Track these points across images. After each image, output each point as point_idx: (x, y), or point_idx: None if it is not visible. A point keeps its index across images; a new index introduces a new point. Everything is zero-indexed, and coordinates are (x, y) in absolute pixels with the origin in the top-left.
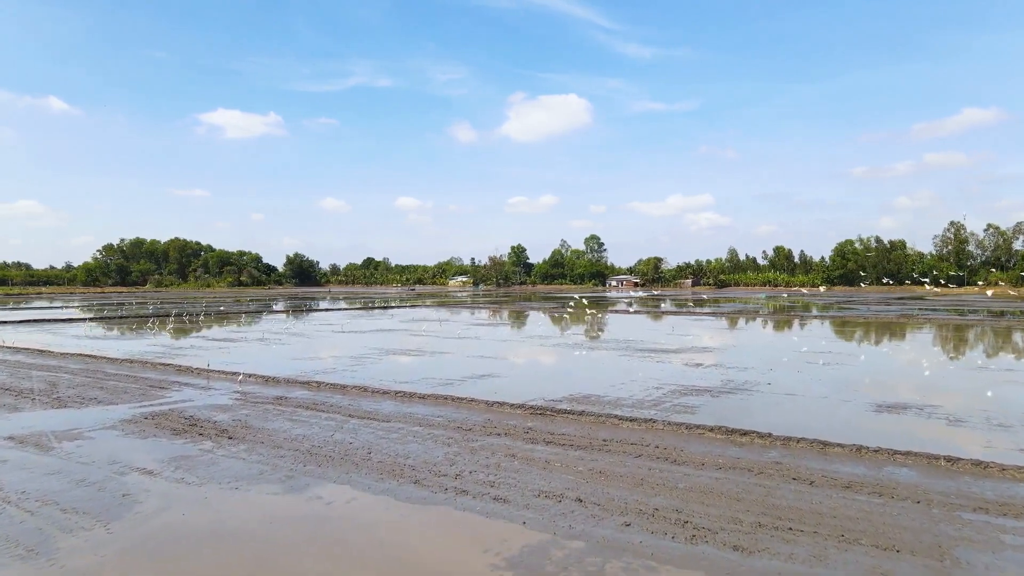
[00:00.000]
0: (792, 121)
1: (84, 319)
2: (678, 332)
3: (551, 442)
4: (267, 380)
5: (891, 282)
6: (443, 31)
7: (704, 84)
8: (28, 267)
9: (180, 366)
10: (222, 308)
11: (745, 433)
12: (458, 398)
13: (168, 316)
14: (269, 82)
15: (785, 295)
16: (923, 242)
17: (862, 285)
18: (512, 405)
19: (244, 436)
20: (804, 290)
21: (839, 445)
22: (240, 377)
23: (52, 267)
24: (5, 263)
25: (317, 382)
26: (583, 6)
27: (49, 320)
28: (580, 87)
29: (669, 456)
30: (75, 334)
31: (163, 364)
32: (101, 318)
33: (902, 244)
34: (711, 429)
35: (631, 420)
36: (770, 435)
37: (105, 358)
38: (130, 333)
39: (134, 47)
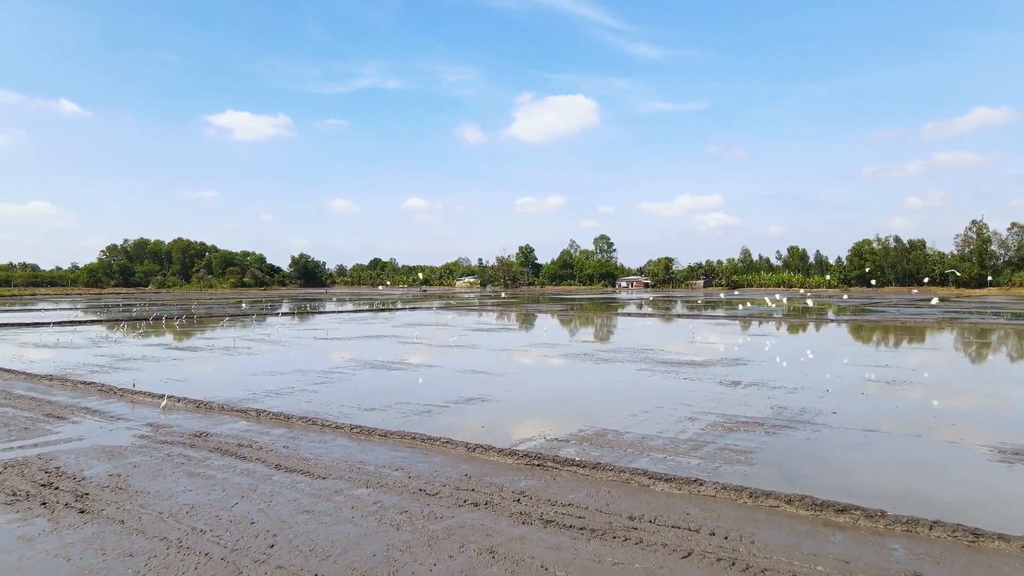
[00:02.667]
0: (801, 121)
1: (49, 323)
2: (700, 339)
3: (552, 521)
4: (198, 405)
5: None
6: (452, 32)
7: (713, 84)
8: (34, 268)
9: (105, 385)
10: (210, 310)
11: (843, 509)
12: (430, 438)
13: (147, 319)
14: (279, 83)
15: (810, 299)
16: (940, 242)
17: (893, 284)
18: (501, 451)
19: (104, 507)
20: (832, 291)
21: (999, 536)
22: (163, 403)
23: (58, 268)
24: (11, 264)
25: (258, 410)
26: (591, 6)
27: (12, 324)
28: (587, 87)
29: (737, 556)
30: (25, 341)
31: (87, 383)
32: (69, 322)
33: (921, 244)
34: (788, 500)
35: (667, 480)
36: (882, 513)
37: (24, 373)
38: (89, 340)
39: (144, 49)
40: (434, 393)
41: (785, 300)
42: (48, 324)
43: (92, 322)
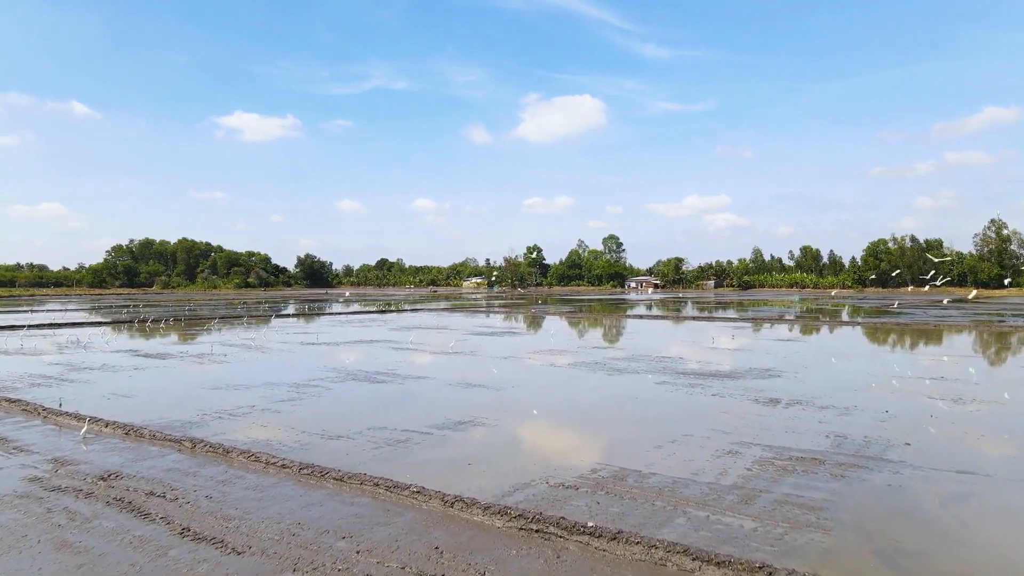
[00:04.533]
0: (810, 121)
1: (23, 326)
2: (721, 345)
3: None
4: (128, 432)
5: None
6: (460, 33)
7: (721, 84)
8: (41, 268)
9: (31, 404)
10: (203, 312)
11: None
12: (397, 485)
13: (133, 322)
14: (287, 84)
15: (868, 301)
16: (957, 242)
17: (910, 284)
18: (487, 507)
19: None
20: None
21: None
22: (84, 429)
23: (65, 268)
24: (18, 264)
25: (194, 440)
26: (599, 7)
27: None
28: (595, 88)
29: None
30: None
31: (13, 400)
32: (48, 324)
33: (938, 243)
34: None
35: (718, 563)
36: None
37: None
38: (57, 345)
39: (154, 51)
40: (418, 414)
41: (797, 299)
42: (23, 327)
43: (72, 325)
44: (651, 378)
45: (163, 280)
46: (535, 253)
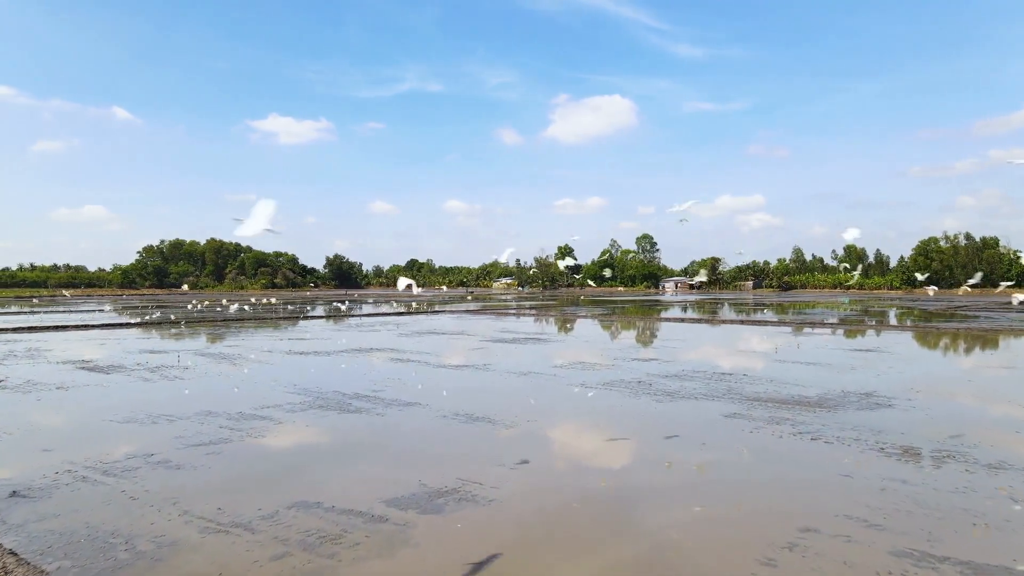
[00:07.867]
0: (847, 119)
1: None
2: (789, 356)
3: None
4: None
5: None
6: (492, 35)
7: (757, 83)
8: (78, 269)
9: None
10: (207, 315)
11: None
12: None
13: (125, 326)
14: (321, 88)
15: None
16: (1011, 240)
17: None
18: None
19: None
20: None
21: None
22: None
23: (101, 269)
24: (55, 265)
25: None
26: (632, 7)
27: None
28: (626, 88)
29: None
30: None
31: None
32: (28, 328)
33: (994, 242)
34: None
35: None
36: None
37: None
38: (7, 352)
39: (192, 58)
40: (381, 473)
41: (847, 301)
42: None
43: (56, 328)
44: (715, 407)
45: (192, 280)
46: (567, 255)
